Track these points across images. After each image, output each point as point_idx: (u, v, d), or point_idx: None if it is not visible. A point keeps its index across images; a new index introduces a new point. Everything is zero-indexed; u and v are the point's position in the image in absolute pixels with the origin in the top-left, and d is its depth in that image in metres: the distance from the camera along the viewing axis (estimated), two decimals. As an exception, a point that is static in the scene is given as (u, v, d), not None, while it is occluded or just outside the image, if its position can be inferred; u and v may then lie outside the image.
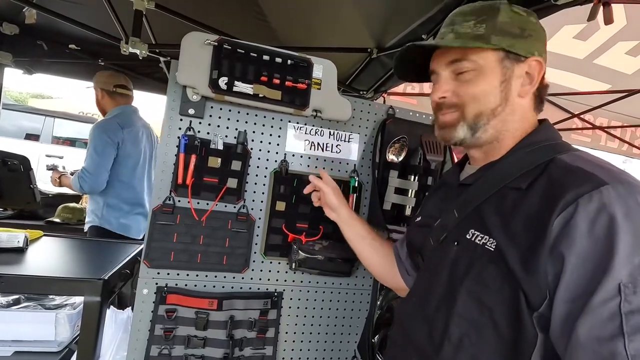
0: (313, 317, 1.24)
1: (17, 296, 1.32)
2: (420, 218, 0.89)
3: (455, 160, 1.34)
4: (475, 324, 0.61)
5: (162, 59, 2.02)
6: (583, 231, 0.51)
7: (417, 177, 1.24)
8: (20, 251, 1.26)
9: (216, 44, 1.06)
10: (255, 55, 1.10)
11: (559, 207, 0.53)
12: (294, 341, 1.22)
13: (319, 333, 1.25)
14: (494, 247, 0.60)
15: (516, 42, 0.67)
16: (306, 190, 1.07)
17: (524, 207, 0.59)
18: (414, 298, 0.77)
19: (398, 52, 0.76)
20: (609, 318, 0.48)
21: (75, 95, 8.98)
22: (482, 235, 0.63)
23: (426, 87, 2.68)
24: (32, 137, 5.89)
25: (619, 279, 0.48)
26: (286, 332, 1.21)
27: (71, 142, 6.18)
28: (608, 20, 0.93)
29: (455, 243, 0.67)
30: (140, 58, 1.73)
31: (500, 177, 0.66)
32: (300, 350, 1.23)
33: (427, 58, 0.75)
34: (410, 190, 1.24)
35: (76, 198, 2.83)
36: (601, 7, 0.95)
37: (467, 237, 0.65)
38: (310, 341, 1.24)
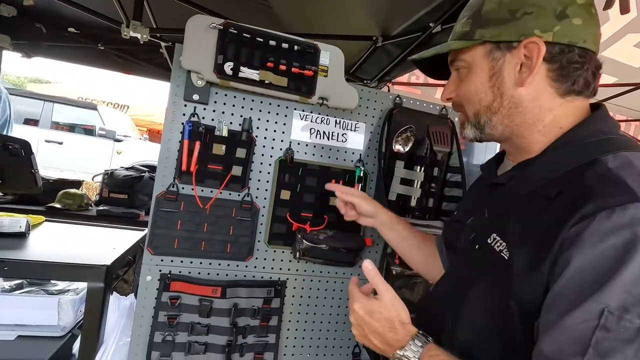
0: (316, 306, 1.24)
1: (19, 281, 1.32)
2: (456, 213, 0.87)
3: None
4: (479, 332, 0.59)
5: (163, 44, 1.99)
6: (591, 245, 0.45)
7: (423, 168, 1.23)
8: (22, 236, 1.25)
9: (222, 27, 1.04)
10: (262, 40, 1.08)
11: (576, 218, 0.47)
12: (296, 330, 1.23)
13: (322, 322, 1.25)
14: (507, 256, 0.56)
15: (504, 29, 0.60)
16: (341, 210, 1.02)
17: (546, 216, 0.52)
18: (436, 296, 0.75)
19: (414, 64, 0.75)
20: (577, 339, 0.44)
21: (74, 80, 8.87)
22: (501, 242, 0.58)
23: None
24: (31, 122, 5.83)
25: (607, 304, 0.43)
26: (289, 321, 1.21)
27: (70, 127, 6.13)
28: (625, 9, 0.91)
29: (477, 246, 0.64)
30: (142, 42, 1.70)
31: (531, 181, 0.59)
32: (303, 338, 1.23)
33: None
34: (416, 181, 1.23)
35: (77, 184, 2.81)
36: (618, -4, 0.92)
37: (489, 241, 0.61)
38: (313, 330, 1.24)
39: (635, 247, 0.43)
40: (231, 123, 1.13)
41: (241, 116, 1.14)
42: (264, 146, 1.17)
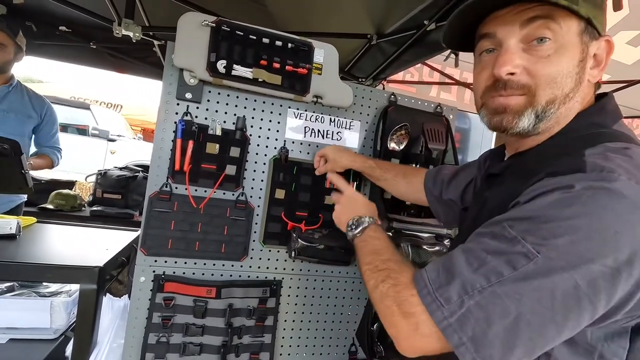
0: (312, 305, 1.24)
1: (10, 283, 1.30)
2: (469, 201, 0.85)
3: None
4: None
5: (156, 42, 1.96)
6: (526, 195, 0.50)
7: (418, 166, 1.23)
8: (12, 238, 1.23)
9: (214, 25, 1.02)
10: (255, 37, 1.07)
11: (529, 183, 0.50)
12: (292, 329, 1.22)
13: (317, 321, 1.25)
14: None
15: (598, 13, 0.54)
16: (316, 164, 1.17)
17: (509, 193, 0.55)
18: None
19: (460, 8, 0.59)
20: (479, 241, 0.51)
21: (66, 79, 8.76)
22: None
23: (426, 74, 2.65)
24: (22, 122, 5.74)
25: (507, 217, 0.49)
26: (285, 321, 1.21)
27: (63, 127, 6.05)
28: (617, 6, 0.91)
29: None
30: (134, 41, 1.68)
31: (518, 174, 0.57)
32: (299, 338, 1.23)
33: (474, 21, 0.61)
34: (411, 179, 1.22)
35: (70, 184, 2.79)
36: (611, -8, 0.92)
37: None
38: (309, 329, 1.24)
39: (557, 190, 0.46)
40: (225, 122, 1.12)
41: (235, 115, 1.13)
42: (258, 145, 1.16)
